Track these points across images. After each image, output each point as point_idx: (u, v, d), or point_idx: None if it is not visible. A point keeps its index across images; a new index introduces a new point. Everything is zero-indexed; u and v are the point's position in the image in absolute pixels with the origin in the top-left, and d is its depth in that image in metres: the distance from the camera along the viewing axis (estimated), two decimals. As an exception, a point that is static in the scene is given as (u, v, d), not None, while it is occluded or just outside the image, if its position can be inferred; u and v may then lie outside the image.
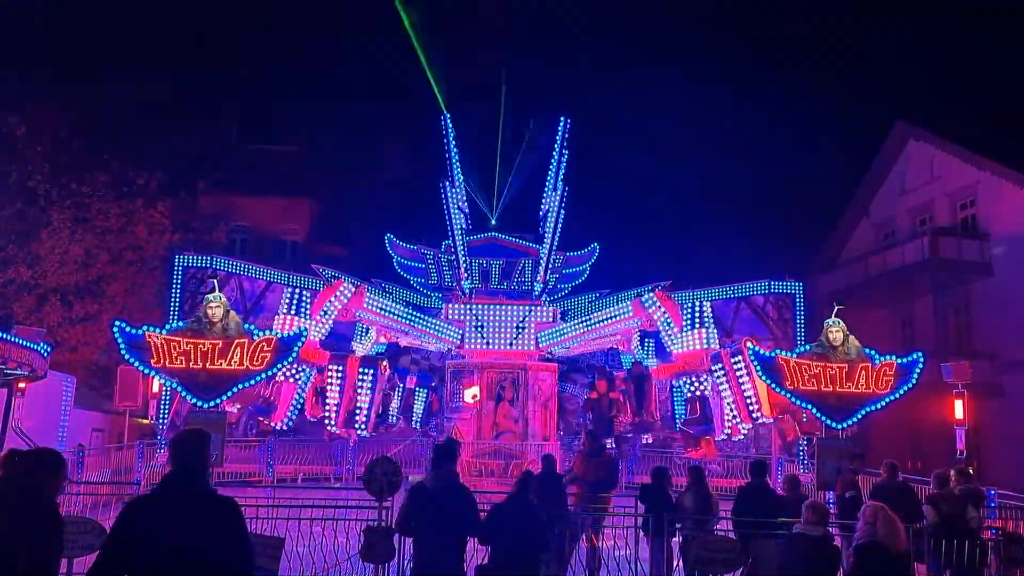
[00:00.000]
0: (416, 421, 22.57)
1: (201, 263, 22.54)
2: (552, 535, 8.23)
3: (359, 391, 19.10)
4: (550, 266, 23.11)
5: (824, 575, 6.80)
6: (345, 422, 19.01)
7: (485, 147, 25.17)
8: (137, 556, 3.98)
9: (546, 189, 23.37)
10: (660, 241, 32.74)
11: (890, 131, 30.86)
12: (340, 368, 19.07)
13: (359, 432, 19.21)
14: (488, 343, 21.42)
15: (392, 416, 21.90)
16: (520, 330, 21.36)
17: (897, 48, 43.57)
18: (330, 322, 19.41)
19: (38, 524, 4.66)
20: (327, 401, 19.08)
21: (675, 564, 9.56)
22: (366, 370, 19.25)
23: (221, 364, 13.61)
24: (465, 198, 23.64)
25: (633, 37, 50.15)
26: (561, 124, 23.12)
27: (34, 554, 4.55)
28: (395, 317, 20.87)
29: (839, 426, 14.34)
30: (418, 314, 21.78)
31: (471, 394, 20.84)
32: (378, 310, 20.46)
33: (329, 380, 19.00)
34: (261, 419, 19.83)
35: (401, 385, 22.25)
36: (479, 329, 21.39)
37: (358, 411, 19.08)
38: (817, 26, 45.95)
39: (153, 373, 14.21)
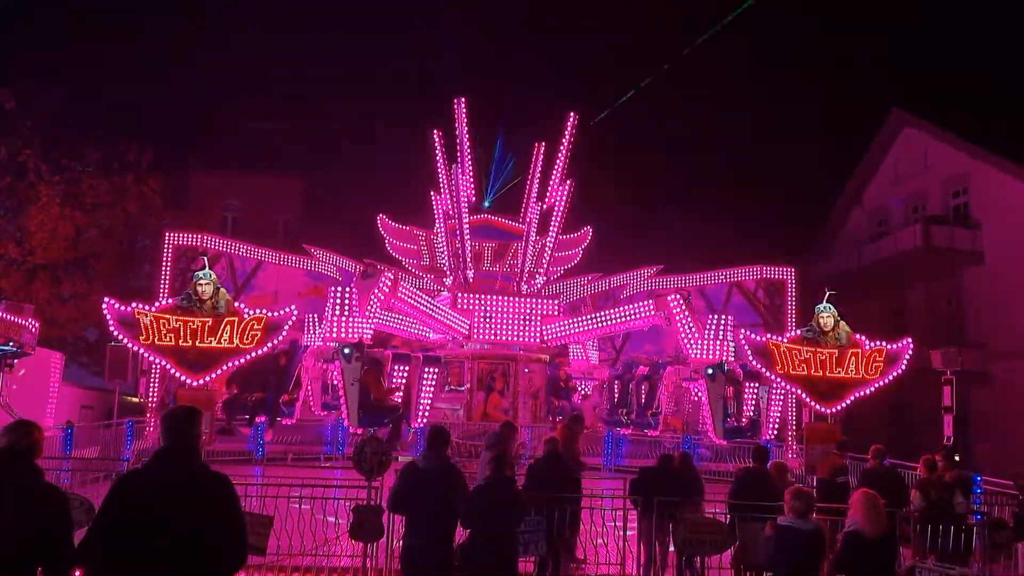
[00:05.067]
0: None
1: (191, 241, 22.42)
2: (542, 515, 8.22)
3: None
4: (552, 255, 23.16)
5: (814, 569, 6.71)
6: None
7: (480, 130, 25.09)
8: (129, 531, 3.96)
9: (551, 182, 23.20)
10: (653, 225, 32.70)
11: (885, 119, 30.86)
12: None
13: None
14: (495, 335, 21.33)
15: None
16: (526, 322, 21.31)
17: (892, 36, 43.50)
18: (377, 315, 19.09)
19: (39, 500, 4.55)
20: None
21: (667, 545, 9.58)
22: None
23: (211, 342, 13.57)
24: (472, 186, 23.55)
25: (628, 23, 49.90)
26: (570, 120, 22.93)
27: (41, 532, 4.43)
28: (422, 307, 20.60)
29: (828, 411, 14.41)
30: (439, 306, 21.62)
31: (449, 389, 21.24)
32: (410, 300, 20.17)
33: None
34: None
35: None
36: (487, 320, 21.28)
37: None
38: (815, 13, 45.83)
39: (142, 350, 14.15)
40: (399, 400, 18.90)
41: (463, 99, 22.94)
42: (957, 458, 11.77)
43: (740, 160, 38.06)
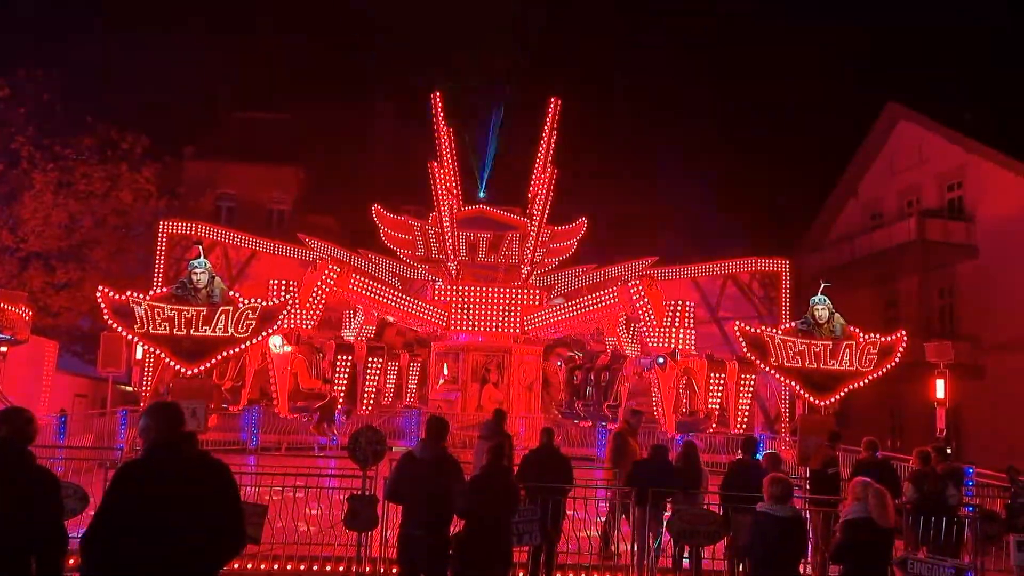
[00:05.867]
0: None
1: (186, 230, 22.35)
2: (536, 505, 8.24)
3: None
4: (538, 245, 23.06)
5: (792, 557, 6.70)
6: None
7: (474, 120, 25.03)
8: (131, 519, 3.97)
9: (535, 170, 23.17)
10: (648, 217, 32.70)
11: (881, 112, 30.86)
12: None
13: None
14: (474, 326, 21.29)
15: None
16: (506, 313, 21.24)
17: (889, 30, 43.45)
18: (320, 307, 19.19)
19: (31, 485, 4.58)
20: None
21: (661, 535, 9.62)
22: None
23: (205, 331, 13.50)
24: (455, 180, 23.52)
25: (625, 10, 49.79)
26: (552, 105, 22.91)
27: (33, 518, 4.46)
28: (381, 299, 20.65)
29: (822, 403, 14.42)
30: (405, 296, 21.64)
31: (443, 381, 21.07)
32: (364, 292, 20.19)
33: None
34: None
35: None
36: (465, 311, 21.25)
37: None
38: (812, 5, 45.78)
39: (137, 339, 14.09)
40: (335, 389, 19.12)
41: (438, 93, 22.94)
42: (949, 451, 11.84)
43: (736, 152, 38.05)
